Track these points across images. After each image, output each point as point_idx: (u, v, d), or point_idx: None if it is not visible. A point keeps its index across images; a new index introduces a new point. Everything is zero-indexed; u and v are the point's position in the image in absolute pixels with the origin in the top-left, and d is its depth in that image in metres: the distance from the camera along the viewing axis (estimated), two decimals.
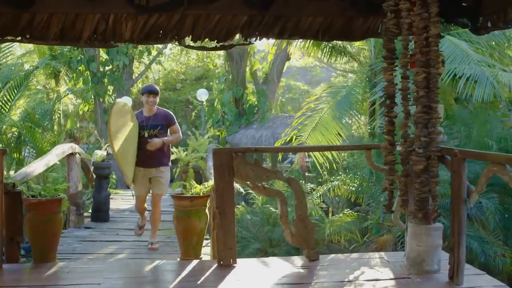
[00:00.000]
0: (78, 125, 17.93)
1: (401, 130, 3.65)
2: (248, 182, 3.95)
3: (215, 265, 3.91)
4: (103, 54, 15.16)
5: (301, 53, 10.41)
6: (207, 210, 4.37)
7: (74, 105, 16.82)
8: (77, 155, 6.17)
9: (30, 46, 15.35)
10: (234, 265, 3.90)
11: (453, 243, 3.47)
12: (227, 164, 3.89)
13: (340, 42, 9.68)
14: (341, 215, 7.23)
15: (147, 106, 5.24)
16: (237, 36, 4.52)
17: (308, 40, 9.30)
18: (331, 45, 9.63)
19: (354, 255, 4.43)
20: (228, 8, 4.26)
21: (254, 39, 4.52)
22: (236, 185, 4.33)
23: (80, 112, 16.03)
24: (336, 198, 9.64)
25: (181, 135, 5.40)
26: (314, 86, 20.39)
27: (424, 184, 3.51)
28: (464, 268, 3.67)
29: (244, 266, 3.90)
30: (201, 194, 4.34)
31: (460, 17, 4.55)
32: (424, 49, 3.53)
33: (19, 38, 4.29)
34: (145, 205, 5.38)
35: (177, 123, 5.37)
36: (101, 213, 6.48)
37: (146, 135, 5.08)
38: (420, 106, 3.51)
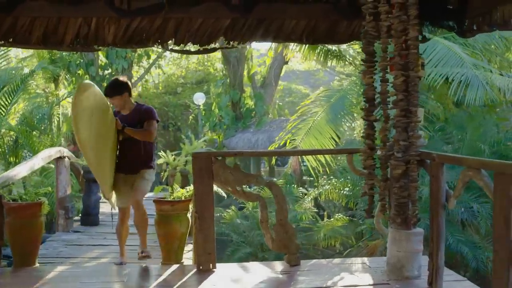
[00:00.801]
0: None
1: (380, 134, 3.61)
2: (228, 186, 3.92)
3: (195, 270, 3.88)
4: (102, 58, 15.22)
5: (304, 57, 10.33)
6: (189, 215, 4.34)
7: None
8: (66, 159, 6.16)
9: (31, 50, 15.43)
10: (214, 270, 3.87)
11: (432, 248, 3.42)
12: (207, 168, 3.86)
13: (336, 46, 9.67)
14: (332, 219, 7.17)
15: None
16: (221, 39, 4.52)
17: (304, 44, 9.29)
18: (326, 48, 9.59)
19: (336, 260, 4.39)
20: (210, 12, 4.25)
21: (237, 42, 4.50)
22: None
23: None
24: (334, 202, 9.61)
25: (152, 133, 4.29)
26: (317, 89, 20.35)
27: (403, 188, 3.47)
28: (446, 274, 3.62)
29: (224, 271, 3.86)
30: (183, 198, 4.32)
31: (446, 20, 4.52)
32: (403, 52, 3.49)
33: (2, 42, 4.30)
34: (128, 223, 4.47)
35: (154, 120, 4.32)
36: (90, 217, 6.46)
37: (121, 138, 4.26)
38: (399, 110, 3.47)
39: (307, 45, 9.74)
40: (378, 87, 3.64)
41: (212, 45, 4.52)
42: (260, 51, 17.84)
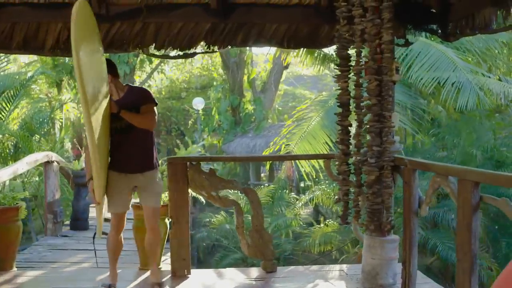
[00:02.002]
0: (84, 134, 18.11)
1: (354, 139, 3.56)
2: (203, 192, 3.89)
3: (169, 276, 3.85)
4: None
5: (301, 62, 10.30)
6: (166, 220, 4.31)
7: (76, 114, 16.98)
8: (55, 163, 6.18)
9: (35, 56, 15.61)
10: (188, 275, 3.84)
11: (405, 256, 3.36)
12: (182, 173, 3.84)
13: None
14: (322, 225, 7.10)
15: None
16: (202, 44, 4.51)
17: (302, 49, 9.26)
18: (323, 53, 9.55)
19: (314, 267, 4.33)
20: (190, 16, 4.23)
21: (218, 47, 4.48)
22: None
23: (82, 121, 16.15)
24: (331, 207, 9.54)
25: (154, 119, 3.53)
26: None
27: (376, 195, 3.41)
28: (423, 282, 3.56)
29: (198, 277, 3.83)
30: (161, 204, 4.29)
31: (430, 23, 4.47)
32: (376, 56, 3.45)
33: None
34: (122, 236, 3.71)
35: (153, 104, 3.55)
36: (79, 222, 6.47)
37: (118, 125, 3.43)
38: (372, 115, 3.42)
39: (304, 50, 9.75)
40: (353, 92, 3.61)
41: (193, 50, 4.52)
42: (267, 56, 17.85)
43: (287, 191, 8.60)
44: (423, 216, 3.54)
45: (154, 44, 4.40)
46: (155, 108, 3.56)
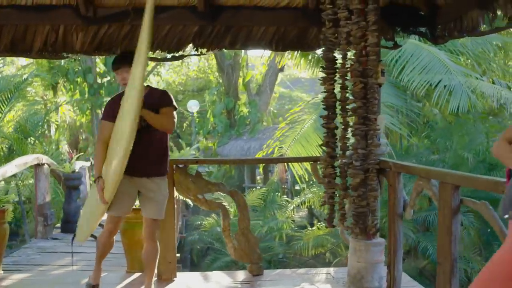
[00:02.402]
0: (83, 136, 18.16)
1: (339, 142, 3.55)
2: (189, 195, 3.88)
3: (155, 279, 3.83)
4: (101, 66, 15.30)
5: (295, 65, 10.30)
6: None
7: (71, 117, 16.97)
8: (45, 166, 6.16)
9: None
10: (174, 279, 3.83)
11: (390, 259, 3.35)
12: (168, 176, 3.82)
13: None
14: (314, 228, 7.09)
15: (124, 88, 3.28)
16: (190, 46, 4.50)
17: (295, 52, 9.27)
18: (317, 56, 9.56)
19: (301, 270, 4.31)
20: (177, 19, 4.23)
21: (206, 49, 4.48)
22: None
23: (78, 124, 16.16)
24: (323, 210, 9.51)
25: (174, 122, 3.30)
26: None
27: (361, 198, 3.40)
28: (410, 286, 3.55)
29: (184, 280, 3.82)
30: None
31: (418, 26, 4.47)
32: (362, 58, 3.44)
33: None
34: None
35: (173, 108, 3.31)
36: (70, 224, 6.44)
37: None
38: (358, 117, 3.41)
39: (298, 53, 9.76)
40: (339, 94, 3.60)
41: (181, 52, 4.52)
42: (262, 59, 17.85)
43: (279, 194, 8.59)
44: (408, 219, 3.51)
45: None
46: (174, 112, 3.32)
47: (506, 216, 1.58)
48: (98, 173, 3.18)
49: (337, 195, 3.62)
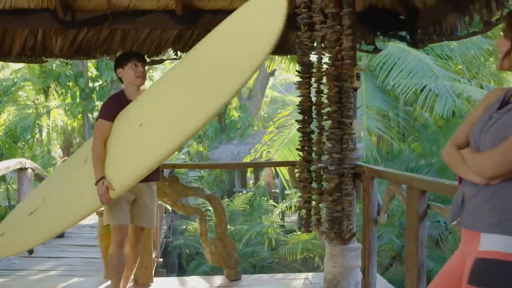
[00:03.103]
0: (77, 140, 18.11)
1: (315, 146, 3.54)
2: (166, 199, 3.86)
3: (131, 284, 3.80)
4: (93, 70, 15.28)
5: (284, 69, 10.30)
6: None
7: (64, 121, 16.93)
8: (29, 170, 6.13)
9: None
10: (150, 284, 3.80)
11: (364, 264, 3.33)
12: None
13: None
14: (299, 233, 7.07)
15: (135, 84, 3.17)
16: (169, 50, 4.50)
17: (285, 56, 9.28)
18: None
19: (279, 275, 4.29)
20: (156, 23, 4.23)
21: (186, 53, 4.46)
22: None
23: (69, 128, 16.11)
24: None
25: None
26: None
27: (336, 202, 3.38)
28: None
29: (160, 285, 3.79)
30: None
31: (399, 30, 4.48)
32: (337, 62, 3.43)
33: None
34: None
35: None
36: None
37: None
38: (332, 122, 3.40)
39: (288, 57, 9.77)
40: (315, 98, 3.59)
41: (161, 57, 4.51)
42: None
43: (266, 198, 8.57)
44: (383, 223, 3.50)
45: (121, 51, 4.39)
46: None
47: (454, 222, 1.57)
48: (100, 174, 2.90)
49: (313, 199, 3.60)
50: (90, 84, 15.17)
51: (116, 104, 3.16)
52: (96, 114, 15.16)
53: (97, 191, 2.84)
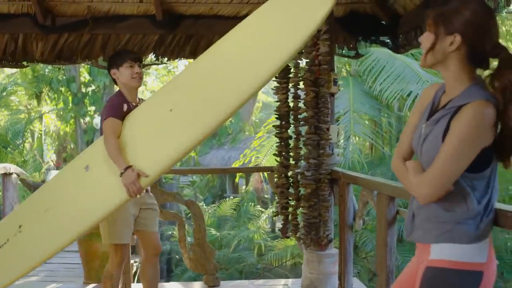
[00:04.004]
0: (72, 145, 18.05)
1: (292, 152, 3.53)
2: None
3: None
4: (86, 75, 15.26)
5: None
6: None
7: (57, 126, 16.87)
8: (14, 175, 6.09)
9: None
10: None
11: (340, 270, 3.32)
12: None
13: None
14: (281, 239, 7.04)
15: (130, 85, 2.99)
16: (150, 56, 4.49)
17: None
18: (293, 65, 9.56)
19: (259, 281, 4.27)
20: (136, 28, 4.21)
21: (167, 59, 4.46)
22: None
23: (61, 133, 16.06)
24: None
25: None
26: None
27: (313, 208, 3.37)
28: None
29: None
30: None
31: (381, 35, 4.48)
32: (314, 67, 3.43)
33: None
34: None
35: None
36: None
37: None
38: (309, 127, 3.40)
39: None
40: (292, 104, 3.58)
41: (143, 62, 4.50)
42: None
43: (253, 203, 8.55)
44: (358, 229, 3.48)
45: (102, 56, 4.38)
46: None
47: (409, 238, 1.56)
48: (125, 164, 2.58)
49: (291, 205, 3.59)
50: (83, 89, 15.12)
51: (120, 104, 2.93)
52: (88, 119, 15.12)
53: (123, 182, 2.49)
